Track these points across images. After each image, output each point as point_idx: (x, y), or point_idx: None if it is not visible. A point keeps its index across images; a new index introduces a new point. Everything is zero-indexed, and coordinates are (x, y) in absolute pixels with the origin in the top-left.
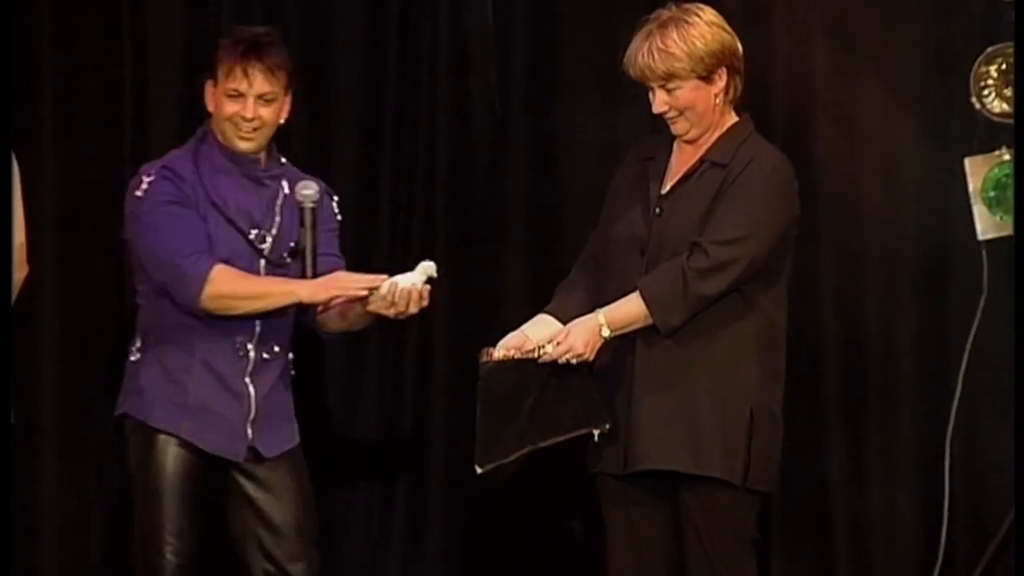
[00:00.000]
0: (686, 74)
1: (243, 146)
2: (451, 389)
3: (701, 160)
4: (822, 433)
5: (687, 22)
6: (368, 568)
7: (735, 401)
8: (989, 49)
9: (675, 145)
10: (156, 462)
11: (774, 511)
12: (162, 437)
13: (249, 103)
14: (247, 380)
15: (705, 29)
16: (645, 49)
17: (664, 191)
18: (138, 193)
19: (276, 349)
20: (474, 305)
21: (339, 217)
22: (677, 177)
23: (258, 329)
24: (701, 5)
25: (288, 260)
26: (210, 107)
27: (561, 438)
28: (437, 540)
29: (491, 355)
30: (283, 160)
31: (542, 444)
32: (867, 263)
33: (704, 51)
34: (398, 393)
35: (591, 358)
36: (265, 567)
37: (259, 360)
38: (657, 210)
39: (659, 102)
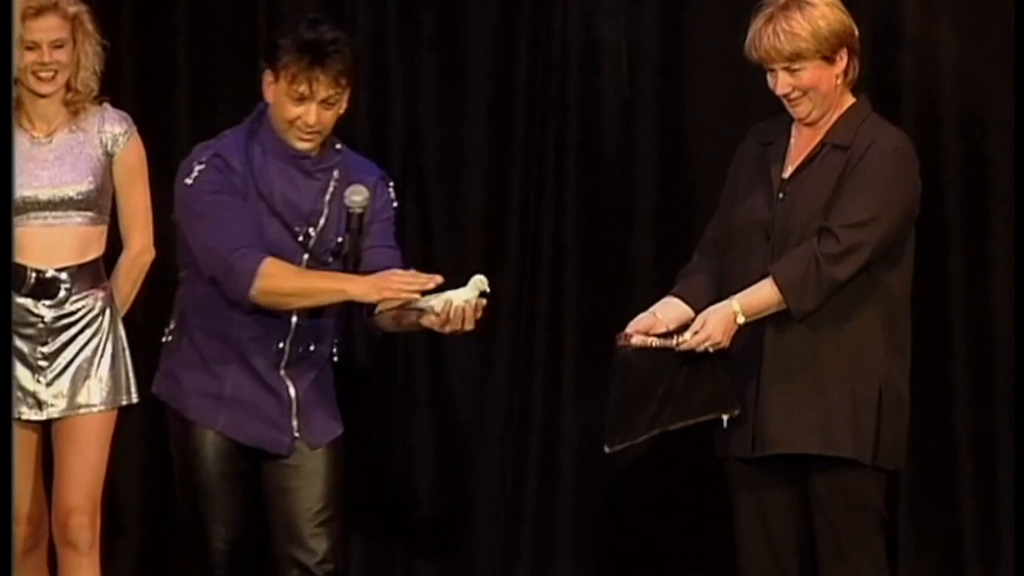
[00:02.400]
0: (811, 54)
1: (302, 147)
2: (580, 369)
3: (822, 143)
4: (950, 412)
5: (809, 4)
6: (499, 546)
7: (863, 382)
8: None
9: (793, 128)
10: (195, 451)
11: (901, 490)
12: (199, 429)
13: (312, 108)
14: (282, 374)
15: (827, 10)
16: (770, 31)
17: (786, 175)
18: (188, 181)
19: (312, 348)
20: (603, 287)
21: (395, 204)
22: (799, 161)
23: (293, 328)
24: None
25: (330, 259)
26: (268, 99)
27: (691, 422)
28: (567, 520)
29: (628, 340)
30: (339, 147)
31: (672, 427)
32: (983, 249)
33: (827, 31)
34: (529, 374)
35: (727, 345)
36: (289, 550)
37: (294, 356)
38: (780, 195)
39: (782, 83)
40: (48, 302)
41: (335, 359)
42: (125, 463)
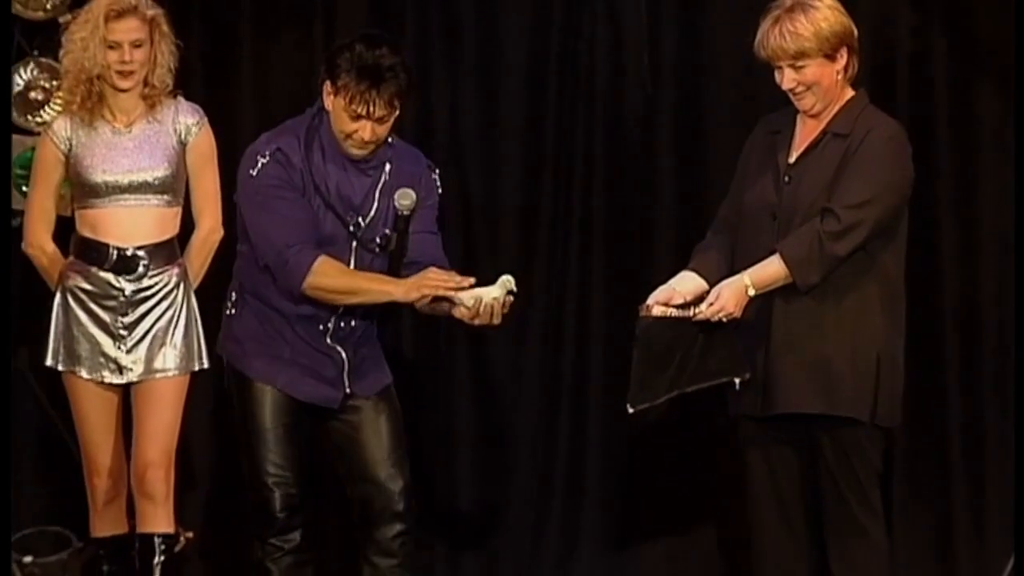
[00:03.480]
0: (814, 53)
1: (357, 155)
2: (607, 337)
3: (824, 132)
4: (942, 379)
5: (812, 7)
6: (532, 498)
7: (863, 349)
8: None
9: (798, 119)
10: (255, 405)
11: (896, 446)
12: (259, 385)
13: (368, 126)
14: (330, 343)
15: (828, 13)
16: (776, 32)
17: (792, 161)
18: (252, 172)
19: (353, 323)
20: (627, 261)
21: (440, 191)
22: (803, 148)
23: (340, 309)
24: None
25: (376, 250)
26: (327, 107)
27: (705, 384)
28: (596, 468)
29: (649, 311)
30: (390, 140)
31: (688, 389)
32: (979, 222)
33: (829, 32)
34: (560, 340)
35: (739, 315)
36: (367, 494)
37: (337, 328)
38: (786, 178)
39: (788, 79)
40: (128, 277)
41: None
42: (196, 423)
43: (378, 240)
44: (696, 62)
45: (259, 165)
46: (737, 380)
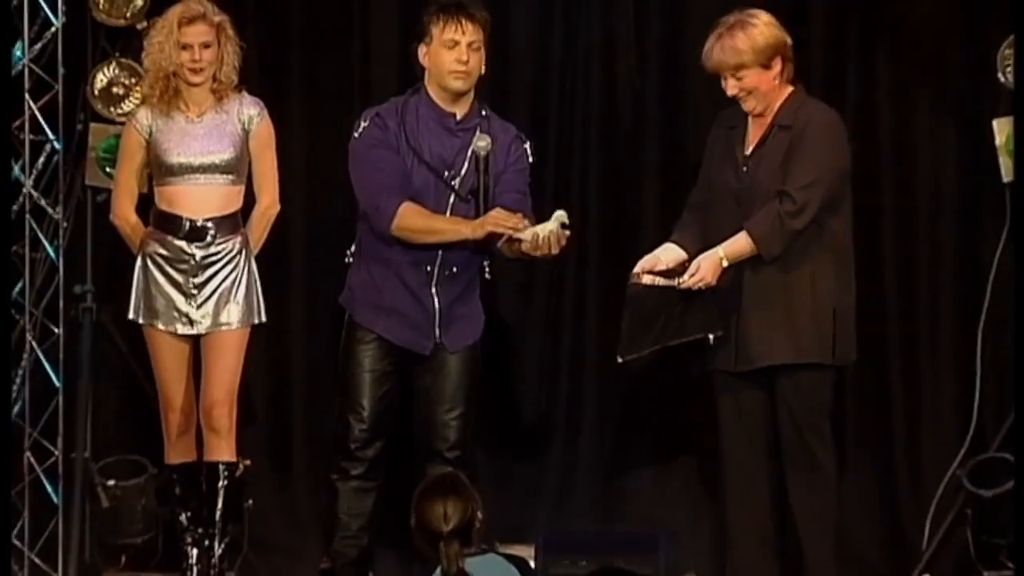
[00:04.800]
0: (751, 64)
1: (458, 85)
2: (602, 297)
3: (772, 125)
4: (884, 337)
5: (750, 23)
6: (537, 435)
7: (821, 306)
8: (1010, 37)
9: (749, 115)
10: (355, 348)
11: (847, 388)
12: (362, 330)
13: (463, 49)
14: (433, 291)
15: (764, 28)
16: (718, 47)
17: (748, 152)
18: (356, 134)
19: (455, 270)
20: (619, 230)
21: (531, 159)
22: (755, 141)
23: (440, 254)
24: (758, 10)
25: (470, 198)
26: (424, 63)
27: (684, 339)
28: (592, 407)
29: (639, 279)
30: (484, 112)
31: (670, 343)
32: (919, 198)
33: (764, 45)
34: (560, 301)
35: (715, 283)
36: (426, 434)
37: (441, 276)
38: (744, 168)
39: (731, 87)
40: (198, 244)
41: (487, 276)
42: (255, 368)
43: (470, 190)
44: (677, 63)
45: (361, 128)
46: (711, 336)
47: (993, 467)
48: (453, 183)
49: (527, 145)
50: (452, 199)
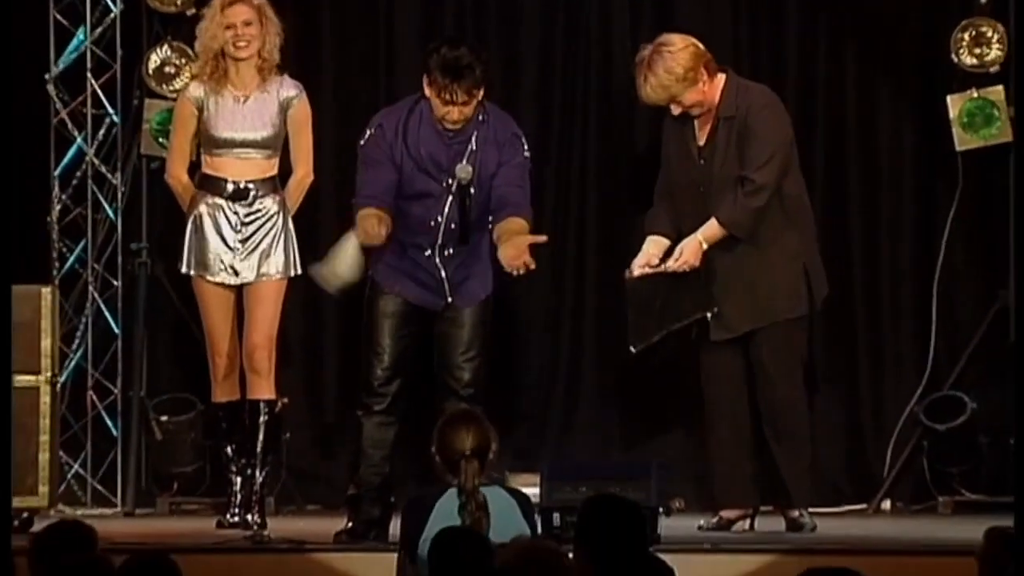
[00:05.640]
0: (681, 89)
1: (451, 129)
2: (598, 272)
3: (716, 119)
4: (852, 290)
5: (666, 53)
6: (543, 378)
7: (792, 265)
8: (963, 22)
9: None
10: (377, 300)
11: (816, 337)
12: (382, 286)
13: (455, 109)
14: (437, 263)
15: (678, 54)
16: (647, 88)
17: (701, 144)
18: (361, 142)
19: (450, 251)
20: (613, 210)
21: (527, 154)
22: (706, 133)
23: (440, 236)
24: (667, 35)
25: (467, 202)
26: (427, 94)
27: (685, 322)
28: (592, 362)
29: (632, 274)
30: (481, 117)
31: (674, 327)
32: (881, 167)
33: (685, 69)
34: (561, 287)
35: (698, 264)
36: (443, 375)
37: (438, 253)
38: (701, 160)
39: (674, 110)
40: (242, 203)
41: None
42: (291, 316)
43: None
44: None
45: (367, 136)
46: (708, 314)
47: (946, 404)
48: (450, 185)
49: (523, 141)
50: (449, 200)
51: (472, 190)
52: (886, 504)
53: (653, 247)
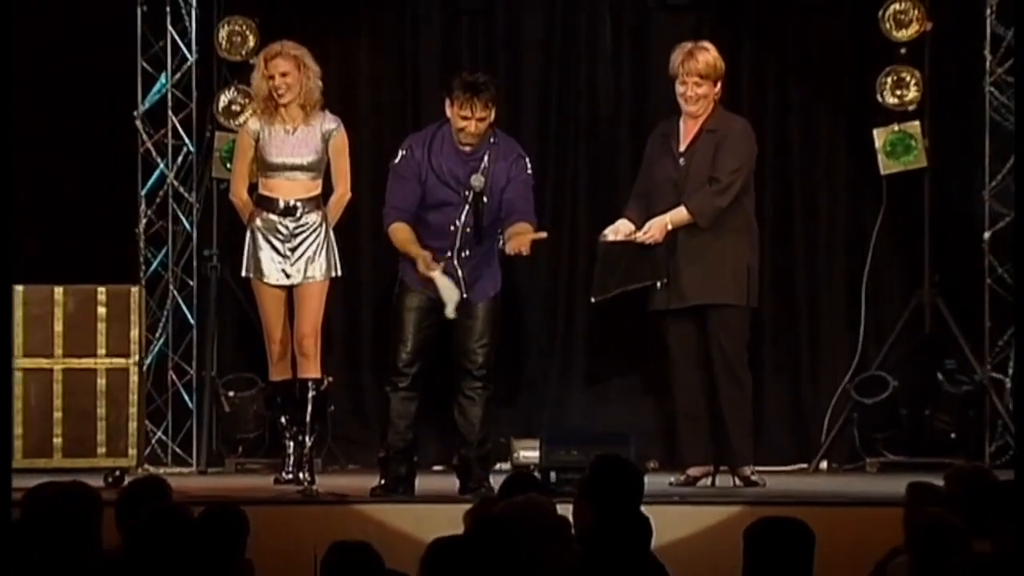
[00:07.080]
0: (712, 77)
1: (466, 148)
2: (588, 255)
3: (701, 129)
4: (793, 287)
5: (708, 49)
6: (543, 361)
7: (740, 263)
8: (887, 68)
9: (681, 121)
10: (404, 296)
11: (765, 324)
12: (410, 287)
13: (472, 123)
14: (455, 264)
15: (717, 54)
16: (692, 58)
17: (682, 149)
18: (395, 160)
19: (467, 253)
20: (600, 214)
21: (530, 171)
22: (688, 140)
23: (458, 240)
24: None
25: (481, 209)
26: (448, 114)
27: (638, 284)
28: (582, 348)
29: (606, 239)
30: (493, 140)
31: (629, 288)
32: (820, 186)
33: (720, 66)
34: (557, 281)
35: (661, 240)
36: (460, 359)
37: (458, 256)
38: (681, 161)
39: (690, 88)
40: (291, 218)
41: (500, 245)
42: (334, 311)
43: (480, 205)
44: (643, 77)
45: (400, 156)
46: (659, 283)
47: (873, 382)
48: (467, 196)
49: (527, 160)
50: (466, 209)
51: (485, 198)
52: (823, 464)
53: (623, 225)
